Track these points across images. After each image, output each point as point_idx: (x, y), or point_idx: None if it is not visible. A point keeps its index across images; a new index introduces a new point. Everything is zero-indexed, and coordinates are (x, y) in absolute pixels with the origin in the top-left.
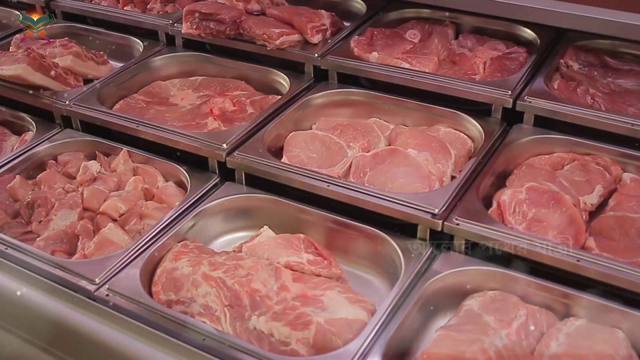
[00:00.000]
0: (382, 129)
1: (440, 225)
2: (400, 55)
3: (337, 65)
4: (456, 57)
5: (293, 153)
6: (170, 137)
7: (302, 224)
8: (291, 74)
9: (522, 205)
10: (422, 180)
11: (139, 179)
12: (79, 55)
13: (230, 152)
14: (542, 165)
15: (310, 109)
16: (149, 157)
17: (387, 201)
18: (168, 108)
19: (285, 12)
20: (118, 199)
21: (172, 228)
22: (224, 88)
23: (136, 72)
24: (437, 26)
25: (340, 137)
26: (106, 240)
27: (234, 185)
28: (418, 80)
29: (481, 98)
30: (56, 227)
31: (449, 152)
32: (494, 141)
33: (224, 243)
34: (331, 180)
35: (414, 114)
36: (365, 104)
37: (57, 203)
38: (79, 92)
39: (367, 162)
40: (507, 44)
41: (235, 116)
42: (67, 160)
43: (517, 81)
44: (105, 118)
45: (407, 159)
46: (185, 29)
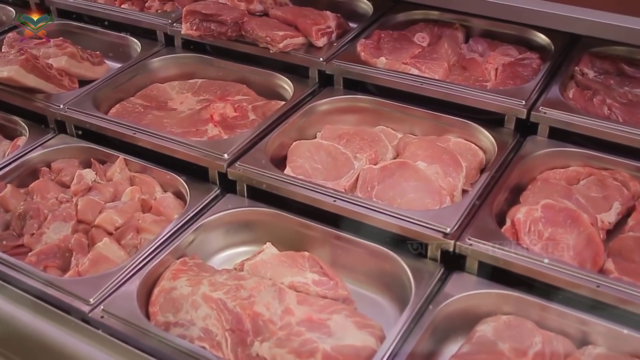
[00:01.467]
0: (389, 138)
1: (452, 246)
2: (409, 60)
3: (343, 71)
4: (466, 62)
5: (297, 163)
6: (168, 146)
7: (305, 239)
8: (295, 78)
9: (537, 224)
10: (433, 196)
11: (136, 189)
12: (74, 56)
13: (231, 163)
14: (557, 180)
15: (315, 115)
16: (147, 165)
17: (397, 219)
18: (166, 113)
19: (289, 13)
20: (114, 212)
21: (170, 243)
22: (224, 92)
23: (133, 74)
24: (447, 29)
25: (347, 147)
26: (101, 256)
27: (235, 197)
28: (427, 88)
29: (494, 108)
30: (49, 241)
31: (460, 165)
32: (507, 154)
33: (225, 258)
34: (338, 195)
35: (423, 122)
36: (372, 111)
37: (50, 215)
38: (73, 95)
39: (375, 176)
40: (519, 49)
41: (236, 122)
42: (61, 167)
43: (531, 90)
44: (101, 124)
45: (417, 172)
46: (185, 29)
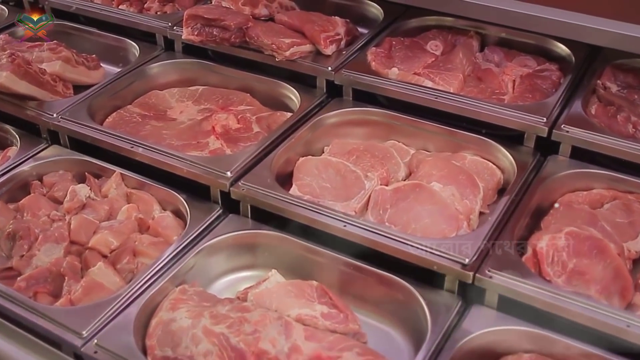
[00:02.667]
0: (401, 154)
1: (471, 278)
2: (422, 70)
3: (352, 81)
4: (482, 73)
5: (304, 181)
6: (167, 162)
7: (312, 264)
8: (301, 87)
9: (561, 253)
10: (449, 221)
11: (133, 207)
12: (68, 61)
13: (234, 181)
14: (580, 204)
15: (323, 128)
16: (144, 181)
17: (412, 247)
18: (166, 124)
19: (295, 18)
20: (109, 233)
21: (169, 269)
22: (227, 101)
23: (131, 81)
24: (461, 37)
25: (357, 165)
26: (95, 283)
27: (238, 218)
28: (442, 102)
29: (513, 125)
30: (39, 264)
31: (477, 186)
32: (528, 175)
33: (227, 284)
34: (348, 219)
35: (437, 137)
36: (383, 124)
37: (41, 235)
38: (67, 103)
39: (388, 198)
40: (538, 60)
41: (239, 135)
42: (53, 181)
43: (552, 106)
44: (96, 136)
45: (433, 196)
46: (186, 34)
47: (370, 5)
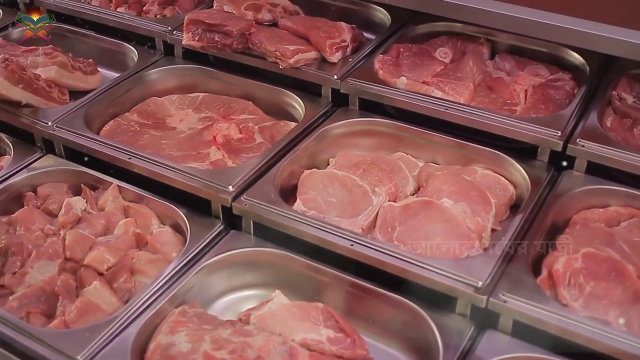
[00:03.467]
0: (409, 167)
1: (484, 302)
2: (430, 78)
3: (359, 90)
4: (493, 82)
5: (309, 196)
6: (166, 174)
7: (317, 284)
8: (306, 96)
9: (578, 276)
10: (461, 240)
11: (131, 221)
12: (64, 66)
13: (237, 196)
14: (596, 221)
15: (328, 139)
16: (142, 194)
17: (422, 268)
18: (165, 133)
19: (300, 24)
20: (105, 250)
21: (168, 289)
22: (229, 109)
23: (129, 87)
24: (471, 44)
25: (364, 179)
26: (90, 304)
27: (240, 234)
28: (452, 113)
29: (526, 138)
30: (33, 282)
31: (490, 203)
32: (542, 191)
33: (228, 303)
34: (355, 238)
35: (446, 150)
36: (390, 135)
37: (35, 252)
38: (63, 110)
39: (397, 215)
40: (550, 69)
41: (241, 146)
42: (47, 193)
43: (567, 118)
44: (93, 146)
45: (443, 213)
46: (187, 40)
47: (377, 10)
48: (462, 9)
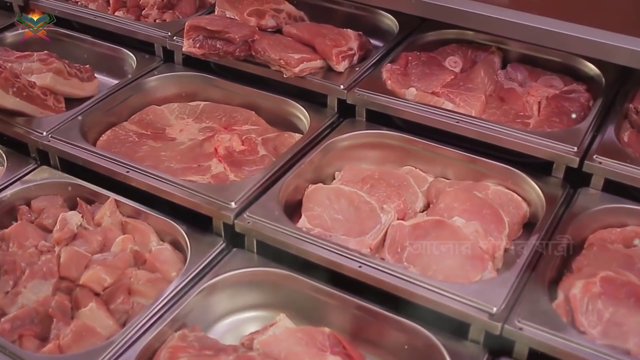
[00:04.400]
0: (419, 182)
1: (499, 329)
2: (440, 89)
3: (366, 101)
4: (504, 93)
5: (314, 212)
6: (166, 189)
7: (322, 306)
8: (311, 106)
9: (596, 301)
10: (474, 262)
11: (128, 238)
12: (60, 73)
13: (239, 213)
14: (613, 242)
15: (334, 152)
16: (141, 209)
17: (434, 293)
18: (164, 144)
19: (305, 31)
20: (102, 269)
21: (168, 312)
22: (230, 119)
23: (127, 95)
24: (482, 52)
25: (371, 195)
26: (86, 328)
27: (242, 253)
28: (464, 127)
29: (541, 154)
30: (26, 302)
31: (503, 222)
32: (557, 210)
33: (230, 325)
34: (364, 259)
35: (457, 164)
36: (399, 148)
37: (28, 270)
38: (58, 120)
39: (406, 235)
40: (564, 79)
41: (244, 158)
42: (42, 207)
43: (583, 133)
44: (89, 158)
45: (455, 233)
46: (187, 46)
47: (384, 16)
48: (473, 16)
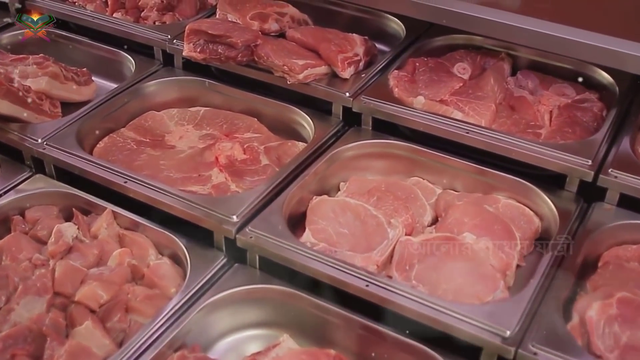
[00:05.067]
0: (426, 194)
1: (512, 354)
2: (449, 97)
3: (372, 110)
4: (515, 101)
5: (319, 226)
6: (165, 201)
7: (326, 325)
8: (314, 114)
9: (612, 324)
10: (485, 281)
11: (126, 251)
12: (56, 77)
13: (241, 227)
14: (629, 260)
15: (340, 161)
16: (139, 221)
17: (444, 314)
18: (163, 152)
19: (309, 36)
20: (98, 285)
21: (167, 331)
22: (232, 127)
23: (126, 101)
24: (491, 59)
25: (378, 208)
26: (81, 348)
27: (244, 268)
28: (474, 138)
29: (554, 167)
30: (19, 320)
31: (515, 238)
32: (571, 226)
33: (231, 344)
34: (371, 278)
35: (466, 176)
36: (406, 158)
37: (22, 286)
38: (54, 126)
39: (415, 252)
40: (576, 87)
41: (245, 168)
42: (36, 217)
43: (597, 145)
44: (86, 167)
45: (466, 251)
46: (188, 51)
47: (391, 20)
48: (482, 22)
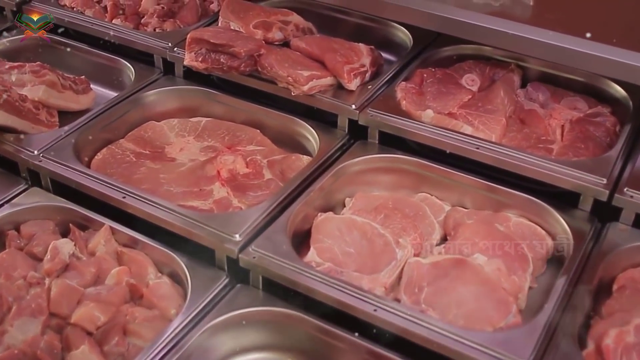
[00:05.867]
0: (435, 211)
1: None
2: (457, 110)
3: (379, 123)
4: (525, 115)
5: (324, 245)
6: (165, 218)
7: (331, 349)
8: (319, 126)
9: (631, 353)
10: (498, 306)
11: (124, 270)
12: (53, 85)
13: (244, 246)
14: None
15: (346, 176)
16: (138, 238)
17: (456, 342)
18: (163, 165)
19: (315, 46)
20: (95, 306)
21: (167, 356)
22: (234, 138)
23: (125, 111)
24: (500, 70)
25: (385, 226)
26: None
27: (247, 289)
28: (485, 154)
29: (567, 185)
30: (12, 343)
31: (527, 260)
32: (585, 247)
33: None
34: (379, 302)
35: (475, 193)
36: (413, 173)
37: (16, 307)
38: (51, 138)
39: (425, 274)
40: (588, 101)
41: (248, 182)
42: (32, 232)
43: (612, 163)
44: (83, 181)
45: (477, 274)
46: (189, 60)
47: (397, 29)
48: (491, 33)
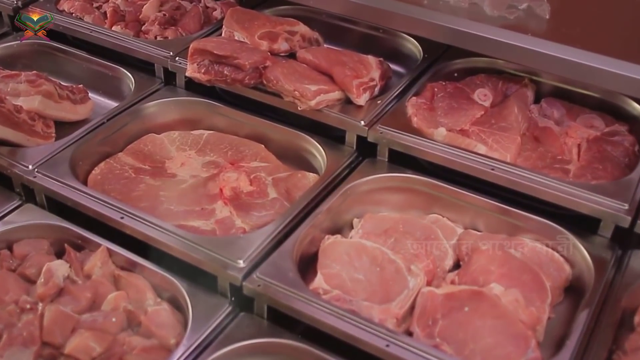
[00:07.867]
0: (447, 234)
1: None
2: (470, 126)
3: (390, 141)
4: (540, 132)
5: (332, 271)
6: (165, 241)
7: None
8: (326, 142)
9: None
10: (517, 341)
11: (122, 295)
12: (50, 95)
13: (248, 273)
14: None
15: (354, 196)
16: (136, 261)
17: None
18: (164, 182)
19: (322, 58)
20: (90, 336)
21: None
22: (237, 154)
23: (124, 123)
24: (513, 85)
25: (396, 251)
26: None
27: (251, 319)
28: (501, 175)
29: (587, 210)
30: None
31: (545, 290)
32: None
33: None
34: (392, 337)
35: (489, 216)
36: (424, 194)
37: (6, 335)
38: (46, 151)
39: (439, 306)
40: (605, 118)
41: (252, 201)
42: (25, 253)
43: (634, 187)
44: (79, 200)
45: (495, 307)
46: (191, 71)
47: (407, 40)
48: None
